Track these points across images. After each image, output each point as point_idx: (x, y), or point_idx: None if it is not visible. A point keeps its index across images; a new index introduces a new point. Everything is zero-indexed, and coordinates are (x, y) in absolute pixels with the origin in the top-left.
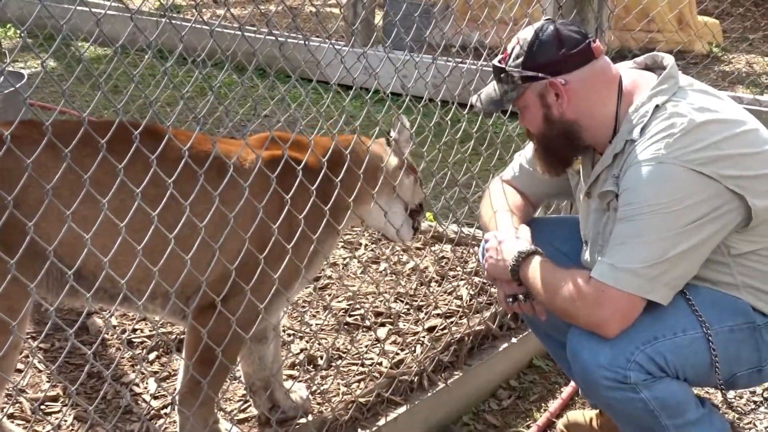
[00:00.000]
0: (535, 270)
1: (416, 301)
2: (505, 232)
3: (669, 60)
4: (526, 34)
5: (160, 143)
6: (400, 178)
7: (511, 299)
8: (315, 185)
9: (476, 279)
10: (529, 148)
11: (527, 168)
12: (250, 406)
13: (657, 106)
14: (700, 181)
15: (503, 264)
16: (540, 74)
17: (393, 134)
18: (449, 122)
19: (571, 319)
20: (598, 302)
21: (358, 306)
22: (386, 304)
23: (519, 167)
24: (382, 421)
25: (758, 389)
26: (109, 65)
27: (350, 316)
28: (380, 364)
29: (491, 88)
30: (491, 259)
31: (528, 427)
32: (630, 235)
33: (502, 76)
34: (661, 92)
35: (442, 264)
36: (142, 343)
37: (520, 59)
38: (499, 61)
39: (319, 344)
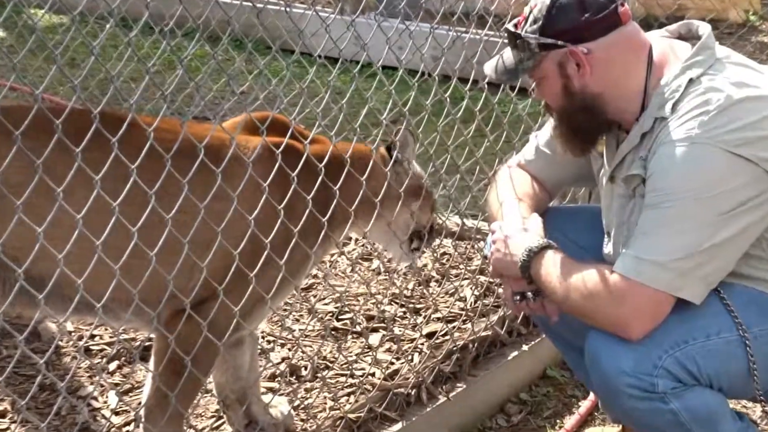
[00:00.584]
0: (548, 266)
1: (413, 303)
2: (513, 224)
3: (705, 29)
4: None
5: (135, 127)
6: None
7: (518, 298)
8: (315, 187)
9: (482, 278)
10: (547, 128)
11: (544, 150)
12: (224, 423)
13: (691, 80)
14: (737, 165)
15: (511, 259)
16: (559, 41)
17: (395, 152)
18: (450, 100)
19: (589, 320)
20: (621, 299)
21: (347, 309)
22: (379, 306)
23: (534, 149)
24: None
25: None
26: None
27: (338, 320)
28: (372, 374)
29: (506, 56)
30: (498, 253)
31: None
32: (658, 224)
33: (517, 42)
34: (696, 64)
35: (443, 261)
36: (101, 351)
37: (538, 24)
38: (515, 26)
39: (303, 352)
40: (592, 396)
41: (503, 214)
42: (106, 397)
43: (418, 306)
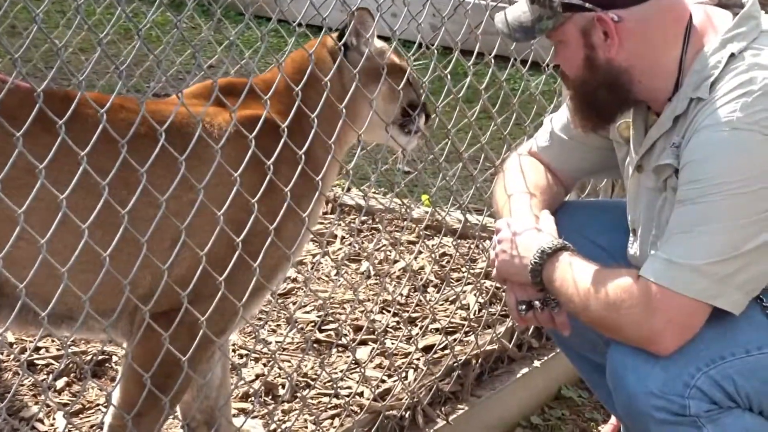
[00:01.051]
0: (564, 270)
1: (408, 311)
2: (522, 221)
3: None
4: None
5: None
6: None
7: (524, 307)
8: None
9: (487, 283)
10: (562, 111)
11: (560, 136)
12: None
13: (732, 55)
14: None
15: (520, 262)
16: (587, 4)
17: (349, 36)
18: (451, 76)
19: (613, 333)
20: (650, 309)
21: (331, 318)
22: (368, 315)
23: (549, 134)
24: None
25: None
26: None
27: (321, 331)
28: (360, 394)
29: (522, 9)
30: (504, 254)
31: None
32: (693, 221)
33: (538, 0)
34: (738, 37)
35: (442, 263)
36: (47, 365)
37: None
38: None
39: (280, 368)
40: (613, 420)
41: (511, 209)
42: (53, 419)
43: (414, 315)
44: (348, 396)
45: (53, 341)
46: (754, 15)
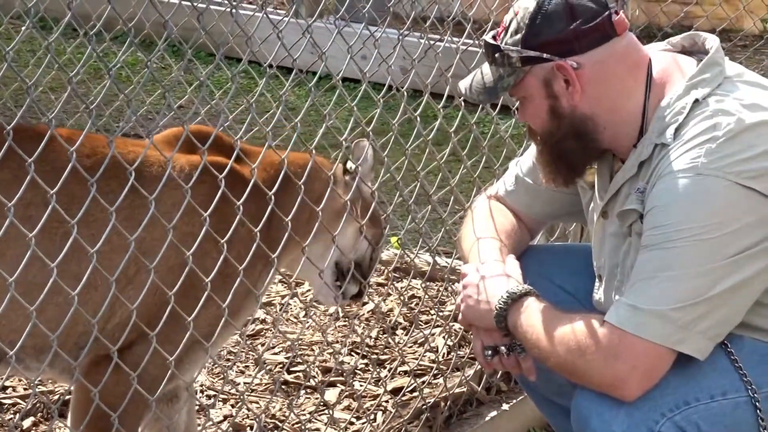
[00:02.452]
0: (529, 315)
1: (376, 353)
2: (487, 266)
3: (713, 42)
4: (528, 2)
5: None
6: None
7: (489, 353)
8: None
9: (456, 326)
10: (528, 155)
11: (525, 180)
12: None
13: (696, 101)
14: (750, 200)
15: (485, 307)
16: (545, 54)
17: (350, 164)
18: (420, 119)
19: (578, 378)
20: (614, 354)
21: (299, 360)
22: (337, 357)
23: (514, 179)
24: None
25: None
26: None
27: (289, 372)
28: None
29: (483, 72)
30: (469, 299)
31: None
32: (657, 267)
33: (496, 56)
34: (702, 83)
35: (411, 305)
36: (14, 405)
37: (520, 35)
38: (493, 38)
39: (249, 410)
40: None
41: (476, 254)
42: None
43: (383, 357)
44: None
45: (20, 381)
46: (717, 62)
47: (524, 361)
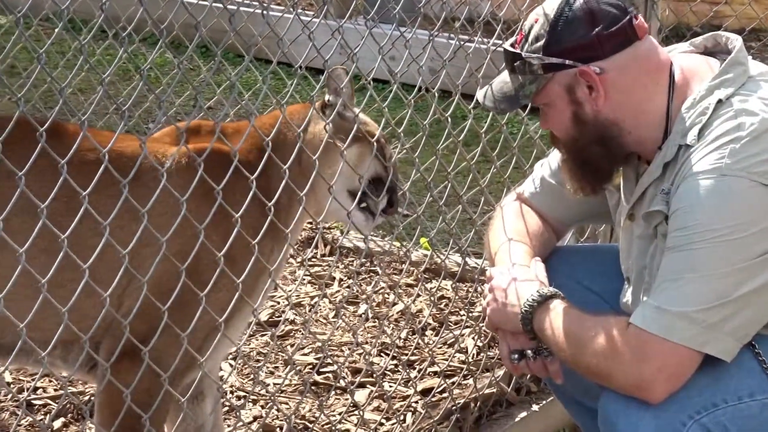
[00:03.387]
0: (555, 319)
1: (406, 354)
2: (514, 269)
3: (736, 42)
4: (548, 8)
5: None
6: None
7: (516, 356)
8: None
9: (492, 333)
10: (554, 157)
11: (551, 182)
12: None
13: (720, 101)
14: None
15: (511, 310)
16: (567, 61)
17: (328, 96)
18: (450, 119)
19: (604, 381)
20: (640, 357)
21: (329, 360)
22: (367, 358)
23: (540, 181)
24: None
25: None
26: (5, 39)
27: (319, 373)
28: None
29: (503, 80)
30: (495, 303)
31: None
32: (682, 269)
33: (516, 64)
34: (726, 83)
35: (441, 306)
36: (45, 406)
37: (541, 42)
38: (513, 45)
39: (278, 410)
40: None
41: (502, 256)
42: None
43: (412, 358)
44: None
45: (51, 381)
46: (741, 61)
47: (551, 364)
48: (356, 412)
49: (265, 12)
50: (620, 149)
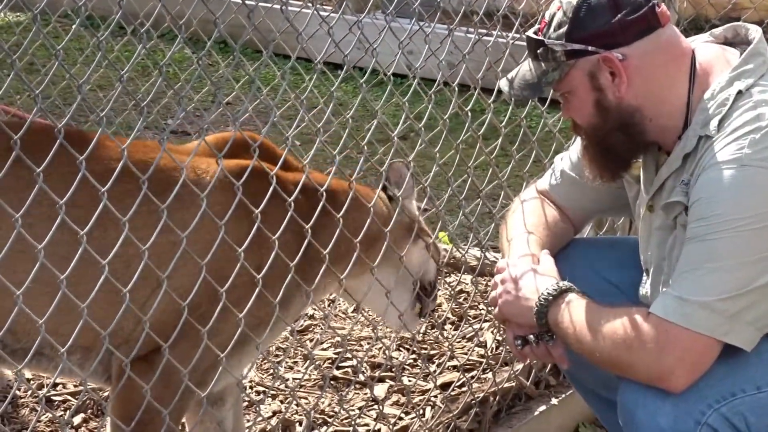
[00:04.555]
0: (571, 311)
1: (425, 349)
2: (526, 261)
3: (756, 32)
4: None
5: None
6: (408, 245)
7: (519, 342)
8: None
9: (500, 323)
10: (574, 150)
11: (570, 175)
12: None
13: (740, 92)
14: None
15: (525, 304)
16: (590, 47)
17: (391, 189)
18: (470, 113)
19: (624, 372)
20: (661, 347)
21: (348, 355)
22: (386, 352)
23: (560, 174)
24: None
25: None
26: (24, 36)
27: (339, 368)
28: (378, 431)
29: (525, 68)
30: (508, 295)
31: None
32: (703, 259)
33: (539, 51)
34: (746, 74)
35: (460, 300)
36: (64, 402)
37: (564, 29)
38: (535, 32)
39: (298, 405)
40: None
41: (516, 248)
42: None
43: (432, 352)
44: None
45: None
46: (761, 52)
47: (554, 349)
48: (375, 407)
49: (283, 7)
50: (642, 137)
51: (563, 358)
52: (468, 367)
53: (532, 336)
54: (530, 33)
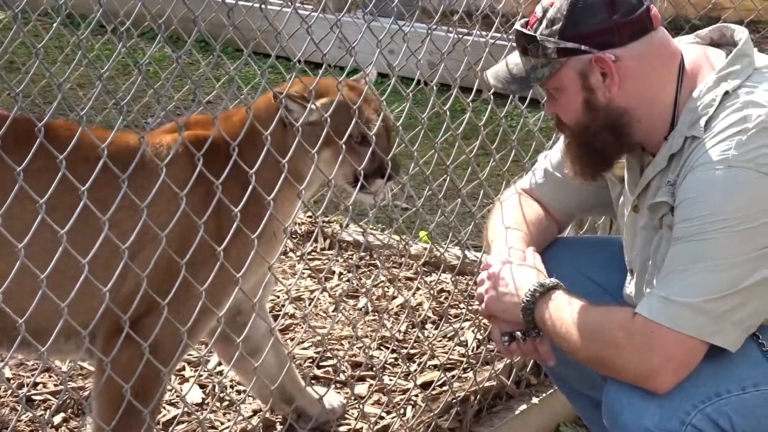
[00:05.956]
0: (557, 309)
1: (406, 348)
2: (513, 258)
3: (742, 34)
4: None
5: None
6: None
7: (506, 338)
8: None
9: (485, 320)
10: (557, 149)
11: (554, 174)
12: None
13: (727, 93)
14: None
15: (510, 300)
16: (583, 46)
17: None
18: (449, 113)
19: (610, 371)
20: (647, 347)
21: (329, 354)
22: (367, 352)
23: (543, 172)
24: None
25: None
26: (4, 35)
27: (319, 367)
28: (359, 431)
29: (513, 61)
30: (494, 291)
31: None
32: (689, 259)
33: (530, 46)
34: (732, 75)
35: (441, 299)
36: (45, 401)
37: (558, 25)
38: (525, 26)
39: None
40: None
41: (500, 245)
42: None
43: (412, 351)
44: None
45: (50, 377)
46: (747, 53)
47: (541, 345)
48: (356, 406)
49: (263, 6)
50: (629, 138)
51: (550, 355)
52: (449, 366)
53: (518, 332)
54: (520, 26)
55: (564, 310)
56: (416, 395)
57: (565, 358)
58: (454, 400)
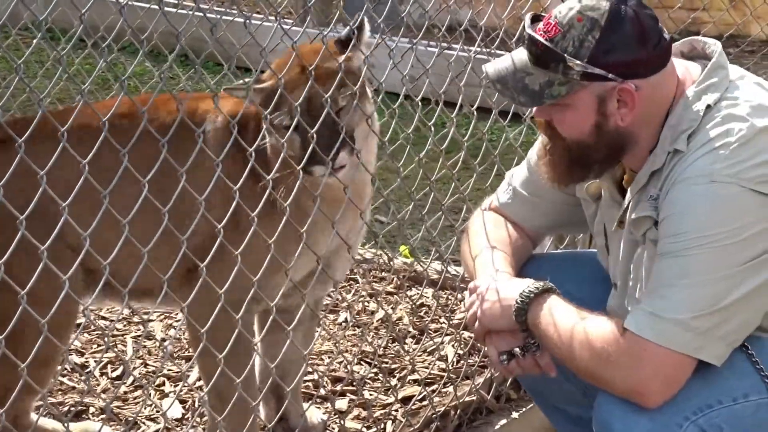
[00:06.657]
0: (550, 313)
1: (386, 363)
2: (501, 274)
3: (714, 46)
4: (592, 10)
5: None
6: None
7: (505, 357)
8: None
9: (466, 334)
10: (522, 167)
11: (522, 193)
12: None
13: (708, 107)
14: (764, 206)
15: (504, 304)
16: (611, 74)
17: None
18: (432, 127)
19: (599, 383)
20: (636, 362)
21: (309, 369)
22: (347, 366)
23: (512, 191)
24: None
25: None
26: None
27: None
28: None
29: (523, 69)
30: (485, 303)
31: None
32: (675, 275)
33: (552, 63)
34: (711, 87)
35: (421, 314)
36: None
37: (588, 49)
38: (542, 34)
39: (260, 419)
40: None
41: (486, 265)
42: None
43: (393, 366)
44: None
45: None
46: (722, 65)
47: (541, 358)
48: (337, 421)
49: (246, 21)
50: (622, 156)
51: (551, 366)
52: (429, 381)
53: (517, 349)
54: (539, 36)
55: (557, 315)
56: (396, 410)
57: (546, 376)
58: (435, 415)
